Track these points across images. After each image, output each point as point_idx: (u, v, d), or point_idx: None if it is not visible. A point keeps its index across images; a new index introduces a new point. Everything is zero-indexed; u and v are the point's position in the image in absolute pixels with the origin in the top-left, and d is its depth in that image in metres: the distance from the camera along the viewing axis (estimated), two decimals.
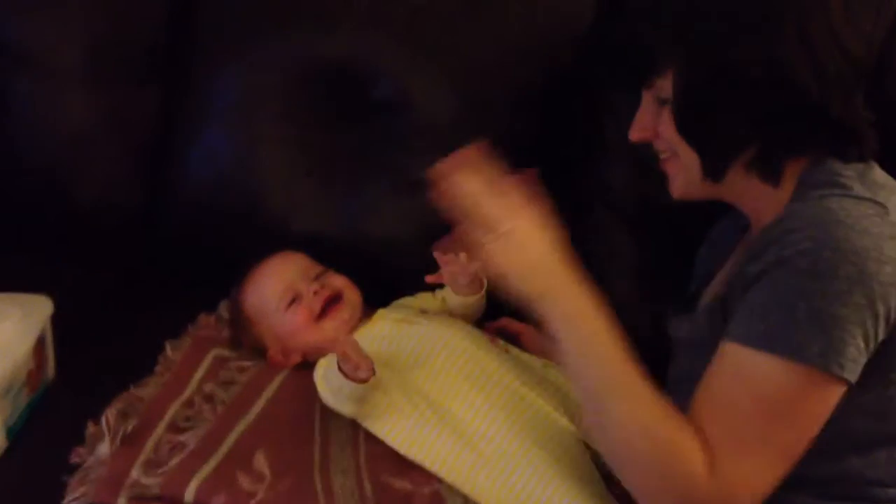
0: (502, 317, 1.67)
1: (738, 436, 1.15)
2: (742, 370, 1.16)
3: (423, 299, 1.68)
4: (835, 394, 1.15)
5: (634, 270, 1.68)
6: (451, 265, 1.56)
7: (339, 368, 1.42)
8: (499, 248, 1.22)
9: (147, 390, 1.57)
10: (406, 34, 1.72)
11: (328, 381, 1.46)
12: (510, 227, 1.23)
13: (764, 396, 1.15)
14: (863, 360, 1.14)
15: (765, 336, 1.15)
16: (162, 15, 1.85)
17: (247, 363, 1.63)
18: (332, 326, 1.58)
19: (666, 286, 1.54)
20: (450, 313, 1.64)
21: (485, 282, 1.62)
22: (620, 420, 1.19)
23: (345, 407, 1.46)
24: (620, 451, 1.21)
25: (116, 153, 1.86)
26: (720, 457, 1.15)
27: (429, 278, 1.58)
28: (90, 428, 1.48)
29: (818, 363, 1.12)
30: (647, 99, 1.32)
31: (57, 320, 1.59)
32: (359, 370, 1.40)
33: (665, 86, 1.27)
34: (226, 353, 1.67)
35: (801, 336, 1.13)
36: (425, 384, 1.47)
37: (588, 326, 1.22)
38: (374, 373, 1.41)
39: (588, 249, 1.66)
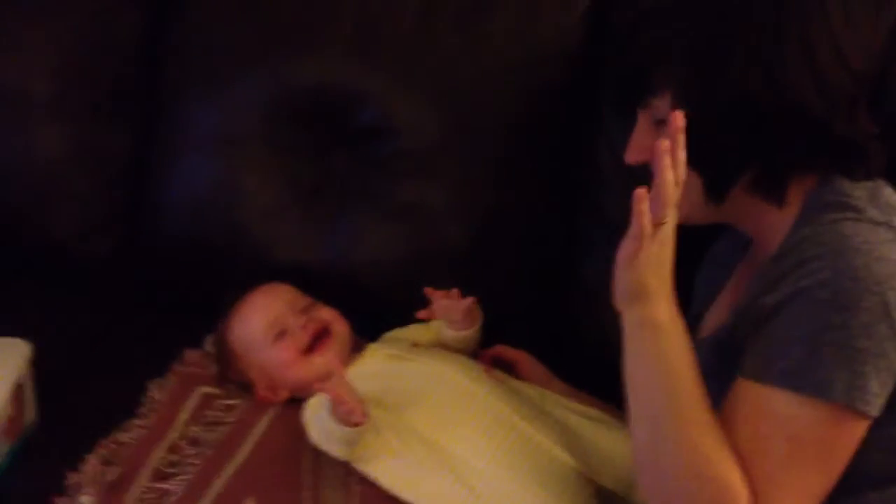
0: (497, 344, 1.62)
1: (776, 477, 1.11)
2: (770, 411, 1.12)
3: (414, 331, 1.63)
4: (860, 430, 1.11)
5: None
6: (443, 300, 1.50)
7: (331, 412, 1.36)
8: (649, 234, 1.12)
9: (130, 434, 1.52)
10: (390, 57, 1.67)
11: (318, 425, 1.41)
12: (667, 220, 1.13)
13: (797, 437, 1.11)
14: (885, 394, 1.10)
15: (787, 373, 1.10)
16: (134, 40, 1.80)
17: (234, 401, 1.58)
18: (320, 362, 1.53)
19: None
20: (443, 345, 1.58)
21: (480, 314, 1.57)
22: (678, 449, 1.13)
23: (336, 450, 1.40)
24: (670, 482, 1.15)
25: (91, 186, 1.81)
26: (759, 497, 1.11)
27: (420, 314, 1.52)
28: (71, 477, 1.43)
29: (843, 400, 1.09)
30: (642, 119, 1.27)
31: (37, 360, 1.54)
32: (352, 414, 1.34)
33: (662, 106, 1.22)
34: (213, 390, 1.61)
35: (825, 372, 1.09)
36: (419, 423, 1.42)
37: (675, 340, 1.15)
38: (367, 417, 1.36)
39: (584, 273, 1.64)
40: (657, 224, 1.12)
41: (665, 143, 1.11)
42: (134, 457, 1.46)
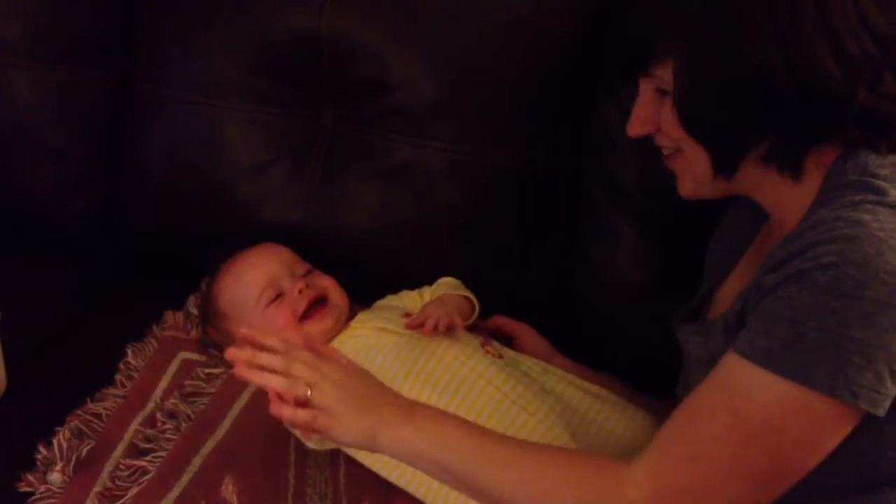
0: (495, 314, 1.56)
1: (703, 446, 1.06)
2: (732, 383, 1.07)
3: (407, 299, 1.56)
4: (845, 422, 1.04)
5: (642, 265, 1.55)
6: (430, 322, 1.41)
7: None
8: (321, 404, 1.13)
9: (105, 405, 1.46)
10: (385, 7, 1.57)
11: None
12: (319, 383, 1.14)
13: (743, 413, 1.05)
14: (889, 388, 1.02)
15: (767, 352, 1.04)
16: None
17: (216, 370, 1.52)
18: (314, 330, 1.48)
19: (676, 281, 1.43)
20: None
21: (476, 304, 1.51)
22: (519, 487, 1.12)
23: None
24: None
25: (67, 138, 1.71)
26: (671, 463, 1.07)
27: (408, 325, 1.43)
28: (42, 452, 1.38)
29: (824, 387, 1.02)
30: (645, 89, 1.19)
31: (7, 325, 1.47)
32: None
33: (664, 76, 1.14)
34: (194, 356, 1.56)
35: (807, 357, 1.02)
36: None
37: (415, 446, 1.14)
38: None
39: (589, 242, 1.56)
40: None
41: (240, 370, 1.15)
42: (108, 430, 1.41)
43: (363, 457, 1.35)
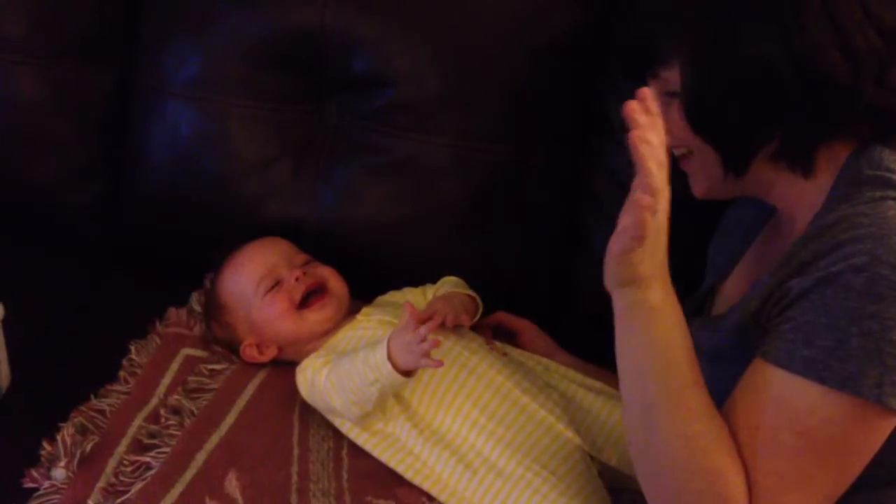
0: (499, 311, 1.56)
1: (780, 473, 1.05)
2: (785, 400, 1.05)
3: (410, 295, 1.56)
4: (888, 427, 1.05)
5: None
6: (438, 317, 1.41)
7: (389, 354, 1.29)
8: (643, 221, 1.03)
9: (109, 401, 1.46)
10: (386, 1, 1.57)
11: (348, 377, 1.33)
12: (662, 205, 1.05)
13: (809, 432, 1.04)
14: None
15: (811, 362, 1.04)
16: None
17: (219, 366, 1.53)
18: (315, 318, 1.49)
19: (677, 277, 1.41)
20: None
21: (479, 303, 1.51)
22: (669, 437, 1.08)
23: (358, 408, 1.34)
24: (662, 472, 1.10)
25: (69, 133, 1.72)
26: (759, 493, 1.06)
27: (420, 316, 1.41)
28: (45, 448, 1.37)
29: (873, 395, 1.02)
30: (654, 90, 1.17)
31: (10, 321, 1.47)
32: (427, 353, 1.26)
33: (672, 78, 1.14)
34: (197, 352, 1.56)
35: (853, 365, 1.02)
36: (415, 394, 1.37)
37: (668, 323, 1.09)
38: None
39: (593, 238, 1.57)
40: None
41: (636, 134, 1.03)
42: (112, 426, 1.41)
43: (371, 447, 1.36)
